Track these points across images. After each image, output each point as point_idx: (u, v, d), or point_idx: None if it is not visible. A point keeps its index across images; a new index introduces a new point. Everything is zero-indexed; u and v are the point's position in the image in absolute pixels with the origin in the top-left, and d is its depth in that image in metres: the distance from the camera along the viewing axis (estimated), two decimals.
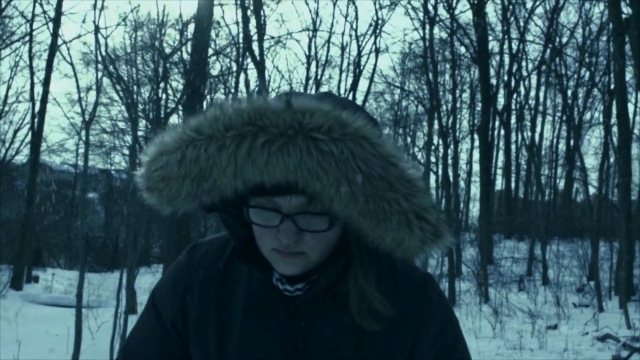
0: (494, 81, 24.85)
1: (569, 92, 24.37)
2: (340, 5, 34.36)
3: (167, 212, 1.25)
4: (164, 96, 23.71)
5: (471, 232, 26.55)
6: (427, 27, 19.00)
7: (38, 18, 19.13)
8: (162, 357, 1.39)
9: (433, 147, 20.93)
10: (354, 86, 27.30)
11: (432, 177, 23.96)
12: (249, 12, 20.44)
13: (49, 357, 7.23)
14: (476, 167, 26.29)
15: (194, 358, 1.36)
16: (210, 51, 17.94)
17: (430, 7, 19.51)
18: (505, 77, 25.50)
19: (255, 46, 14.74)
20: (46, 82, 16.91)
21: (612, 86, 18.12)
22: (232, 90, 23.39)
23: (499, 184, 30.18)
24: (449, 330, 1.37)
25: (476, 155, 25.35)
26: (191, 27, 23.32)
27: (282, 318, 1.27)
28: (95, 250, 30.03)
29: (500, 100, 25.65)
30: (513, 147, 28.07)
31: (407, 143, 34.60)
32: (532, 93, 27.96)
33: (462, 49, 23.67)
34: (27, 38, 19.85)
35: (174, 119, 21.34)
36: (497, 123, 26.35)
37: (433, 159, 21.39)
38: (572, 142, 23.20)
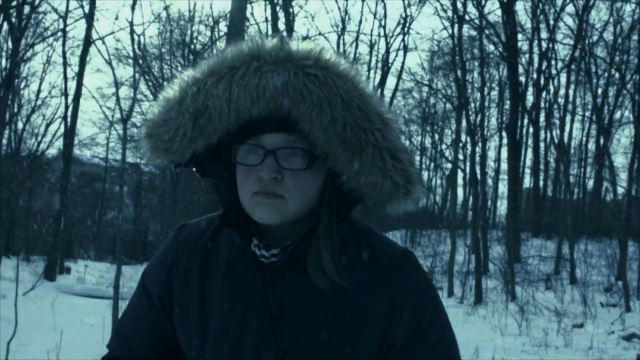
0: (522, 79, 24.80)
1: (599, 91, 24.21)
2: (369, 2, 34.36)
3: (160, 163, 1.32)
4: None
5: (499, 230, 26.52)
6: (456, 25, 19.03)
7: (71, 14, 19.48)
8: (151, 337, 1.43)
9: (461, 145, 20.90)
10: (382, 83, 27.35)
11: (460, 175, 23.92)
12: (277, 9, 20.64)
13: (87, 346, 7.45)
14: (504, 165, 26.25)
15: (178, 332, 1.40)
16: None
17: (459, 5, 19.54)
18: (535, 75, 25.40)
19: None
20: (79, 78, 17.20)
21: None
22: None
23: (527, 182, 30.11)
24: (428, 305, 1.36)
25: (504, 153, 25.32)
26: (221, 25, 23.61)
27: (258, 286, 1.29)
28: (125, 243, 30.44)
29: (530, 99, 25.56)
30: (542, 145, 27.95)
31: (434, 140, 34.63)
32: (562, 91, 27.83)
33: (491, 47, 23.63)
34: (60, 34, 20.25)
35: None
36: (525, 121, 26.28)
37: (461, 157, 21.35)
38: (601, 140, 23.06)
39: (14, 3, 17.66)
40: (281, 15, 20.46)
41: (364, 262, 1.33)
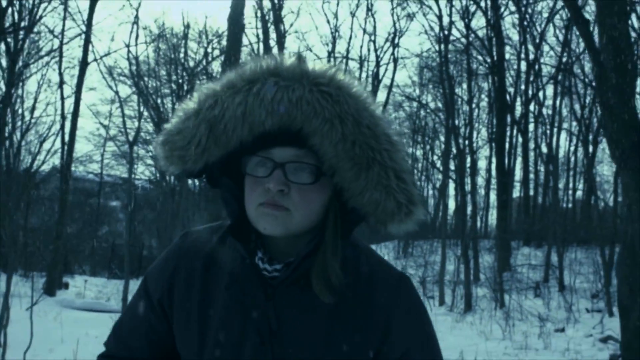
0: (512, 89, 25.25)
1: (588, 100, 24.56)
2: (359, 19, 34.81)
3: (173, 171, 1.34)
4: None
5: (490, 239, 26.80)
6: (442, 44, 19.56)
7: (67, 33, 19.84)
8: (148, 340, 1.45)
9: (452, 156, 21.34)
10: (373, 96, 27.67)
11: (452, 185, 24.26)
12: (269, 26, 21.08)
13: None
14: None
15: (177, 337, 1.41)
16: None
17: (445, 23, 20.09)
18: (523, 86, 25.84)
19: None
20: (77, 97, 17.58)
21: None
22: None
23: (518, 190, 30.47)
24: (421, 329, 1.40)
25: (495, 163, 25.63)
26: (214, 40, 24.00)
27: (259, 299, 1.31)
28: (120, 257, 30.59)
29: (519, 109, 25.95)
30: (532, 154, 28.30)
31: (425, 151, 35.00)
32: (550, 102, 28.23)
33: (480, 58, 24.05)
34: (56, 53, 20.60)
35: None
36: (515, 131, 26.67)
37: (452, 167, 21.74)
38: (590, 149, 23.41)
39: (9, 28, 17.99)
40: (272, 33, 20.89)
41: (362, 282, 1.35)
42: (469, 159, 21.43)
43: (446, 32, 19.86)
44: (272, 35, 20.89)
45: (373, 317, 1.33)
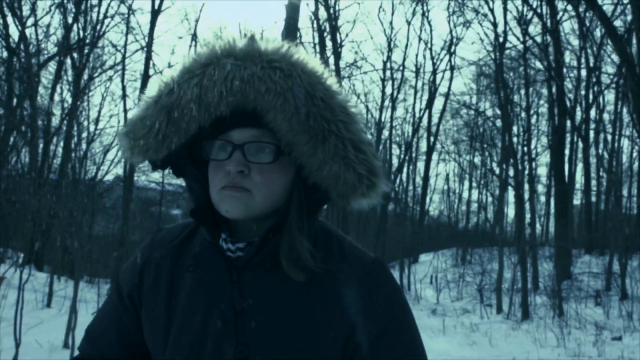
0: (572, 95, 24.86)
1: None
2: (414, 25, 34.70)
3: (137, 162, 1.34)
4: None
5: (551, 247, 26.43)
6: (498, 52, 19.46)
7: (128, 48, 20.57)
8: (119, 338, 1.45)
9: (511, 163, 21.19)
10: (430, 104, 27.69)
11: (511, 192, 23.97)
12: (325, 35, 21.30)
13: None
14: None
15: (145, 330, 1.40)
16: None
17: (500, 31, 19.98)
18: (583, 92, 25.42)
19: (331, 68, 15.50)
20: None
21: None
22: None
23: (580, 198, 29.91)
24: (395, 311, 1.35)
25: None
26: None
27: (223, 281, 1.29)
28: None
29: (579, 115, 25.53)
30: (594, 160, 27.80)
31: (484, 158, 34.69)
32: (611, 107, 27.68)
33: (538, 63, 23.78)
34: (119, 67, 21.34)
35: None
36: (575, 137, 26.26)
37: (511, 173, 21.56)
38: None
39: (75, 44, 18.68)
40: (329, 42, 21.09)
41: (334, 260, 1.33)
42: (527, 166, 21.25)
43: (501, 39, 19.71)
44: (329, 44, 21.13)
45: (345, 300, 1.30)
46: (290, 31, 13.94)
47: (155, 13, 18.76)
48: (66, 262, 18.11)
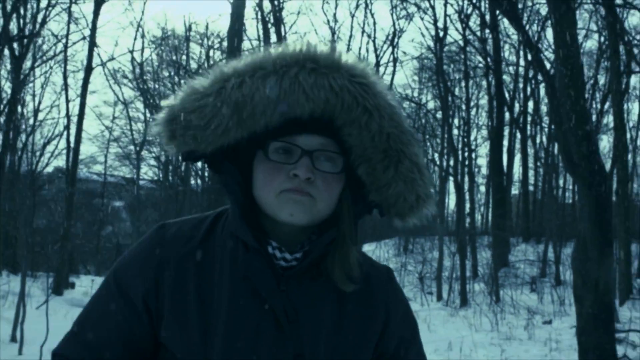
0: (512, 86, 25.52)
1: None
2: (358, 19, 34.82)
3: (179, 151, 1.27)
4: None
5: (489, 236, 27.09)
6: (438, 46, 19.95)
7: (70, 38, 20.26)
8: (121, 339, 1.31)
9: (451, 154, 21.71)
10: None
11: (452, 183, 24.53)
12: (269, 27, 21.41)
13: None
14: None
15: (168, 333, 1.28)
16: None
17: (440, 26, 20.48)
18: (521, 85, 26.10)
19: None
20: (82, 100, 17.99)
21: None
22: None
23: (518, 187, 30.69)
24: (410, 321, 1.44)
25: None
26: (215, 42, 24.35)
27: (274, 289, 1.26)
28: None
29: (517, 106, 26.18)
30: (531, 151, 28.50)
31: (425, 148, 35.26)
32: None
33: (478, 57, 24.28)
34: (60, 57, 21.02)
35: None
36: (514, 129, 26.89)
37: (452, 163, 22.04)
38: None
39: (15, 36, 18.36)
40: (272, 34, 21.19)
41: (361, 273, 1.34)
42: (467, 156, 21.81)
43: (441, 33, 20.20)
44: (273, 36, 21.23)
45: (375, 307, 1.35)
46: (236, 23, 14.08)
47: (98, 2, 18.55)
48: (7, 255, 17.85)
